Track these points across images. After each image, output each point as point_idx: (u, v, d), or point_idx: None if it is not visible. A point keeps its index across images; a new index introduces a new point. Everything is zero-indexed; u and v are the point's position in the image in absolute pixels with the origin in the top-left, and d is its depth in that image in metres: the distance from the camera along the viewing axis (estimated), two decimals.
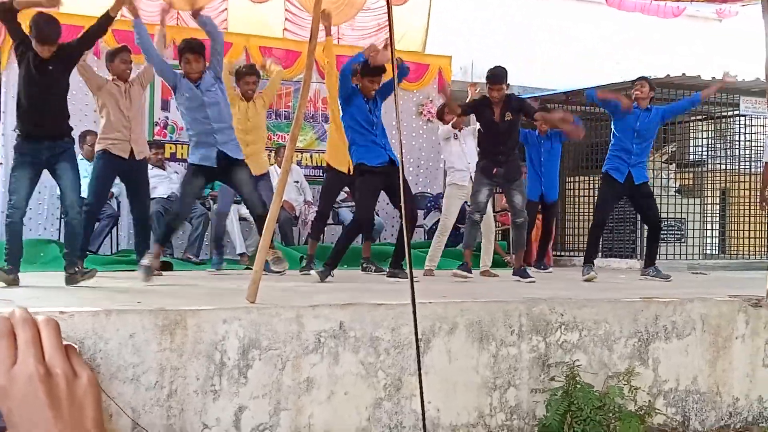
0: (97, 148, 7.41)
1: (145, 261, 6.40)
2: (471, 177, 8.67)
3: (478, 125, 8.90)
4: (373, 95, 7.21)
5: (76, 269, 6.07)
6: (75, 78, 6.78)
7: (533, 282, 7.29)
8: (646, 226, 8.63)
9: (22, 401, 0.71)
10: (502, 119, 7.60)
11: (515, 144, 8.02)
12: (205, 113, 6.59)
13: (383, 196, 7.69)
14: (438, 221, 10.75)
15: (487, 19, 12.35)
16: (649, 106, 8.08)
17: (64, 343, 0.76)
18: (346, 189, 8.98)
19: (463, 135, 8.91)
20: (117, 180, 7.71)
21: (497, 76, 7.61)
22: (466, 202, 9.01)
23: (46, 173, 6.25)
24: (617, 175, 7.97)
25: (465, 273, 7.38)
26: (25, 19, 6.10)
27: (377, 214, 10.15)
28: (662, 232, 9.29)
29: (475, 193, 7.81)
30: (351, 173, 7.62)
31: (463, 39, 12.10)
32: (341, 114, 7.43)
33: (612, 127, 8.26)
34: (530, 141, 9.39)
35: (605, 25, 12.79)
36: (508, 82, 7.71)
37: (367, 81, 7.22)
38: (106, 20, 6.33)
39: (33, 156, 6.06)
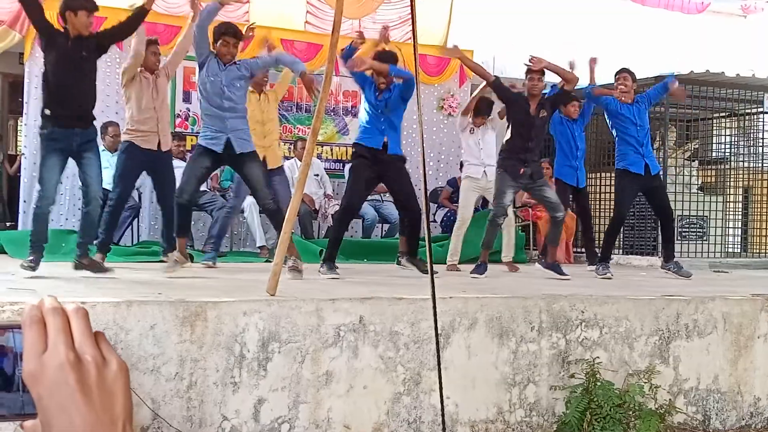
0: (124, 139, 7.36)
1: (173, 256, 6.44)
2: (485, 172, 8.63)
3: (499, 122, 8.86)
4: (387, 85, 7.10)
5: (87, 259, 6.17)
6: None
7: (568, 279, 7.17)
8: (658, 219, 8.51)
9: (52, 387, 0.72)
10: (538, 114, 7.49)
11: (542, 143, 7.93)
12: (221, 100, 6.61)
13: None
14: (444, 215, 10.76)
15: (510, 13, 12.29)
16: (635, 98, 8.06)
17: (94, 330, 0.76)
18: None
19: (482, 129, 8.86)
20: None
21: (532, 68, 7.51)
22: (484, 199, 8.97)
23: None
24: (636, 169, 7.90)
25: (480, 275, 7.22)
26: (50, 9, 6.12)
27: (376, 210, 10.13)
28: (681, 228, 9.22)
29: (500, 194, 7.52)
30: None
31: (485, 33, 12.04)
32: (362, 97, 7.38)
33: (610, 125, 8.24)
34: (561, 126, 9.22)
35: (629, 21, 12.70)
36: None
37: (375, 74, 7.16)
38: (140, 13, 6.37)
39: (64, 142, 6.05)
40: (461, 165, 10.63)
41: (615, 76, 8.18)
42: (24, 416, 0.74)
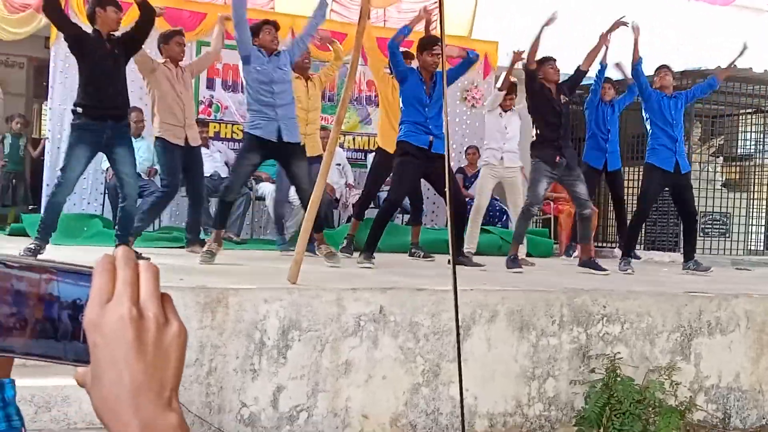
0: (157, 134, 7.29)
1: (207, 247, 6.39)
2: (503, 158, 8.58)
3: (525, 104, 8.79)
4: (432, 75, 7.07)
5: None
6: None
7: (607, 274, 7.08)
8: (681, 219, 8.42)
9: (109, 338, 0.72)
10: (560, 100, 7.44)
11: (570, 130, 7.86)
12: (271, 88, 6.58)
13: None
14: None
15: (535, 5, 12.21)
16: (674, 93, 7.97)
17: (162, 291, 0.76)
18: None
19: (509, 114, 8.80)
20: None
21: (552, 57, 7.47)
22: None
23: None
24: (666, 165, 7.80)
25: (518, 269, 7.17)
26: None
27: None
28: (704, 225, 9.11)
29: (535, 183, 7.41)
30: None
31: (511, 25, 11.98)
32: (400, 89, 7.31)
33: (645, 116, 8.10)
34: (593, 107, 9.07)
35: (654, 15, 12.60)
36: None
37: (427, 55, 7.07)
38: (152, 14, 6.35)
39: (95, 135, 6.05)
40: (468, 149, 10.65)
41: (655, 71, 8.09)
42: (79, 362, 0.74)
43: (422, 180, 7.50)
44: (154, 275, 0.76)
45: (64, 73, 9.50)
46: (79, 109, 6.07)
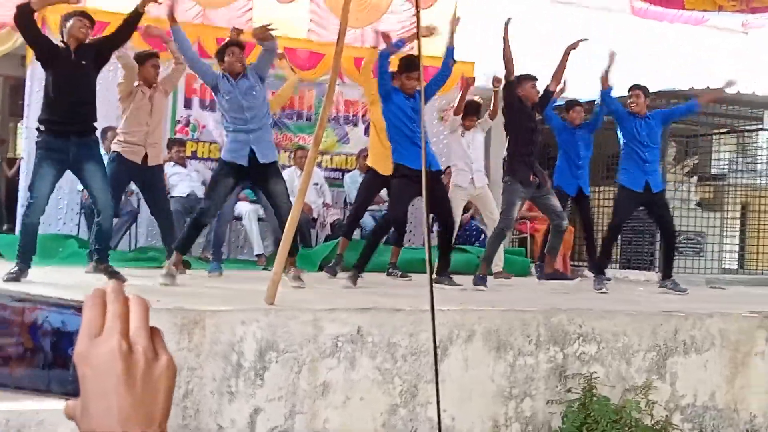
0: (112, 148, 7.24)
1: (164, 271, 6.27)
2: (473, 178, 8.58)
3: (490, 123, 8.81)
4: (414, 93, 7.06)
5: (108, 267, 6.14)
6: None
7: (574, 281, 7.18)
8: (661, 237, 8.49)
9: (99, 370, 0.73)
10: (535, 117, 7.52)
11: (540, 147, 7.93)
12: (243, 115, 6.52)
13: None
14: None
15: (512, 26, 12.30)
16: (648, 114, 8.02)
17: (151, 324, 0.77)
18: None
19: (472, 132, 8.79)
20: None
21: (533, 75, 7.50)
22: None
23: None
24: (635, 186, 7.88)
25: (483, 287, 7.20)
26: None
27: (375, 219, 10.09)
28: (678, 244, 9.14)
29: (509, 206, 7.41)
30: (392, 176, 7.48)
31: (487, 45, 12.06)
32: (383, 108, 7.30)
33: (619, 136, 8.18)
34: (565, 132, 9.03)
35: (628, 36, 12.73)
36: None
37: (405, 78, 7.10)
38: (135, 17, 6.29)
39: (60, 152, 5.98)
40: (445, 170, 10.66)
41: (628, 91, 8.15)
42: (68, 395, 0.75)
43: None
44: (143, 309, 0.77)
45: (41, 92, 9.43)
46: (42, 127, 5.98)
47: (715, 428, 5.57)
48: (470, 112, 8.76)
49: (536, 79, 7.53)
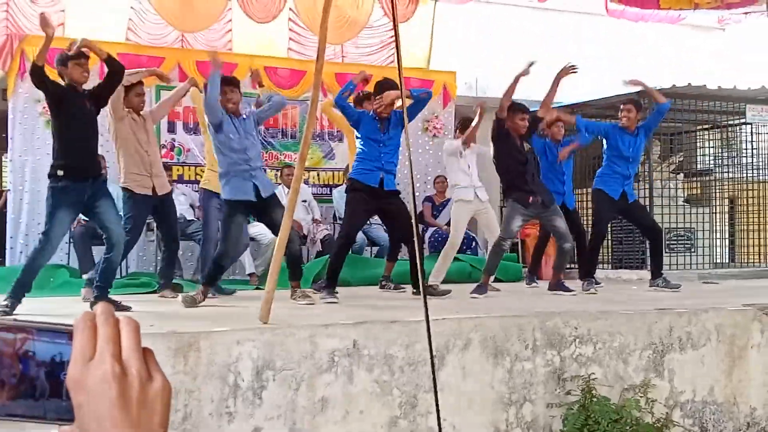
0: (122, 185, 7.23)
1: (195, 295, 6.38)
2: (476, 193, 8.59)
3: (482, 148, 8.83)
4: (387, 115, 7.12)
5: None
6: None
7: (574, 295, 7.21)
8: (645, 237, 8.56)
9: (92, 396, 0.72)
10: (523, 147, 7.59)
11: (538, 167, 7.98)
12: (246, 156, 6.65)
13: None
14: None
15: (491, 34, 12.37)
16: (636, 129, 8.07)
17: (143, 346, 0.77)
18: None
19: (468, 153, 8.81)
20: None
21: (524, 106, 7.52)
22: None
23: None
24: (613, 194, 8.00)
25: (480, 295, 7.20)
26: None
27: (365, 233, 10.06)
28: (669, 241, 9.20)
29: (509, 220, 7.54)
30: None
31: (468, 55, 12.12)
32: (356, 133, 7.36)
33: (604, 147, 8.26)
34: (547, 150, 9.08)
35: (608, 37, 12.81)
36: None
37: (370, 103, 7.26)
38: (121, 68, 6.35)
39: (77, 195, 5.95)
40: (434, 182, 10.73)
41: (620, 106, 8.22)
42: (63, 421, 0.74)
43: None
44: (134, 330, 0.76)
45: (23, 125, 9.45)
46: (60, 172, 5.93)
47: (716, 422, 5.57)
48: (466, 127, 8.77)
49: (527, 111, 7.53)
